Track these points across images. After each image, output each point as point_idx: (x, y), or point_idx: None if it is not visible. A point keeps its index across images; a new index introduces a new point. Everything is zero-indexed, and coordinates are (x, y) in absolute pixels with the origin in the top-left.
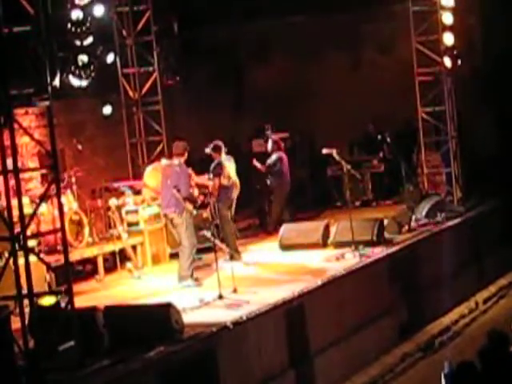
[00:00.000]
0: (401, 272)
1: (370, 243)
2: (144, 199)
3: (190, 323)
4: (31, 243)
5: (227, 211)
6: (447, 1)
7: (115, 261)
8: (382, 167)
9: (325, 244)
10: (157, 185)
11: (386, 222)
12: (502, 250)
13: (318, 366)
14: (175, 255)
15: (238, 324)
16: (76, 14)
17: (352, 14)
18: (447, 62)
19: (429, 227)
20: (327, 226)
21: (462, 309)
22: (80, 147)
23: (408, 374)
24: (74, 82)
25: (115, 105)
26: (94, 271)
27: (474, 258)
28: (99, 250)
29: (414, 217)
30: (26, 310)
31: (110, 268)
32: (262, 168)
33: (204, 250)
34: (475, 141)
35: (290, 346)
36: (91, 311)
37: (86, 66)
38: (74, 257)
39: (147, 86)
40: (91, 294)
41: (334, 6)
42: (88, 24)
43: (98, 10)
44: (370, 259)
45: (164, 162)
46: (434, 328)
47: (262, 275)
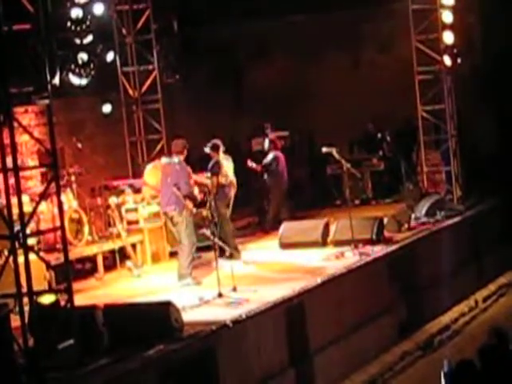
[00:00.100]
0: (400, 271)
1: (370, 242)
2: (144, 197)
3: (189, 322)
4: (31, 241)
5: (225, 210)
6: None
7: (115, 259)
8: (381, 166)
9: (324, 242)
10: (157, 183)
11: (385, 221)
12: (501, 249)
13: (317, 365)
14: (175, 254)
15: (237, 322)
16: (76, 13)
17: (351, 13)
18: (447, 60)
19: (428, 226)
20: (327, 225)
21: (462, 307)
22: (80, 145)
23: (407, 372)
24: (74, 80)
25: (115, 103)
26: (94, 270)
27: (473, 256)
28: (99, 249)
29: (413, 215)
30: (26, 309)
31: (109, 266)
32: (257, 168)
33: (204, 248)
34: (475, 139)
35: (289, 344)
36: (91, 310)
37: (85, 65)
38: (73, 255)
39: (147, 84)
40: (91, 293)
41: (332, 6)
42: (88, 22)
43: (98, 9)
44: (369, 258)
45: (164, 160)
46: (434, 327)
47: (262, 274)
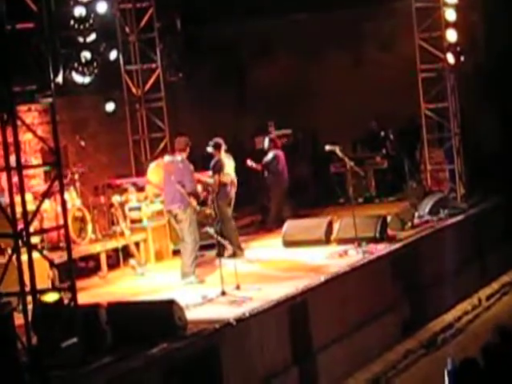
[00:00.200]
0: (404, 269)
1: (373, 240)
2: (147, 196)
3: (192, 320)
4: (34, 240)
5: (227, 208)
6: None
7: (118, 257)
8: (385, 164)
9: (328, 241)
10: (160, 181)
11: (388, 219)
12: (504, 247)
13: (320, 363)
14: (178, 252)
15: (241, 321)
16: (79, 11)
17: (353, 11)
18: (450, 58)
19: (432, 224)
20: (330, 223)
21: (465, 306)
22: (83, 144)
23: (411, 370)
24: (77, 78)
25: (118, 101)
26: (97, 268)
27: (476, 254)
28: (102, 247)
29: (416, 213)
30: (29, 307)
31: (113, 265)
32: (257, 167)
33: (207, 246)
34: (478, 137)
35: (293, 342)
36: (94, 308)
37: (88, 63)
38: (77, 253)
39: (150, 82)
40: (94, 291)
41: (334, 4)
42: (91, 21)
43: (101, 7)
44: (373, 256)
45: (166, 158)
46: (437, 325)
47: (265, 272)
